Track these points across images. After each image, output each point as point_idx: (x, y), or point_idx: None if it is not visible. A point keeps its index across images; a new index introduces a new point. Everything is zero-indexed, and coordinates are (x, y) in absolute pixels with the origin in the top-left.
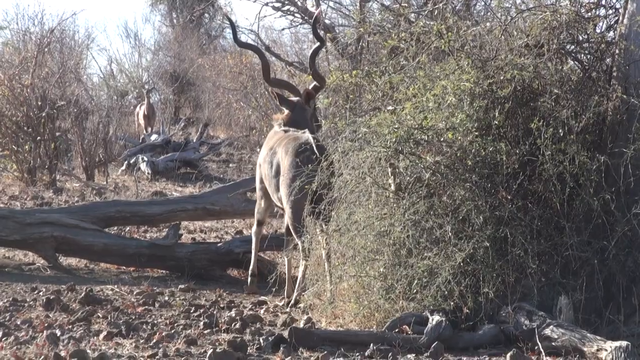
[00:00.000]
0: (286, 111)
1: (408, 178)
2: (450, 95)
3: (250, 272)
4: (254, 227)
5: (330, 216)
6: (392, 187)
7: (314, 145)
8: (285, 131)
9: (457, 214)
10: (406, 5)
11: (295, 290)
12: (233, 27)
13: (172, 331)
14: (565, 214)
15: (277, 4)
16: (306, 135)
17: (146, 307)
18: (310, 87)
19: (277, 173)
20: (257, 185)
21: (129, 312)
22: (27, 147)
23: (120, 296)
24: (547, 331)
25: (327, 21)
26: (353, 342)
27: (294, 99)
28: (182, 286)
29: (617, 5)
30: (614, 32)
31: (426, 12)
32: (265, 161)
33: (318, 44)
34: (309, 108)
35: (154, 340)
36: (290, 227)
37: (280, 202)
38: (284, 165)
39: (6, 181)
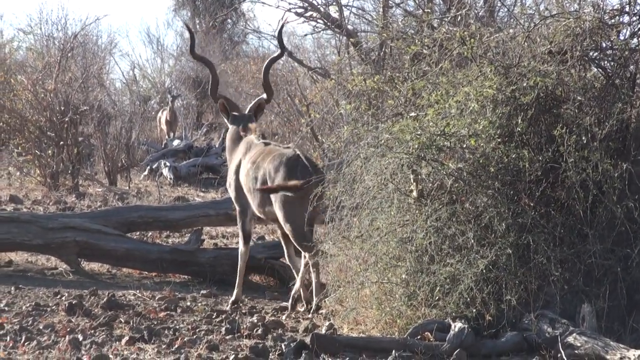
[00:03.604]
0: (233, 126)
1: (430, 185)
2: (473, 101)
3: (234, 297)
4: (241, 246)
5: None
6: (415, 194)
7: (303, 159)
8: (266, 144)
9: (479, 220)
10: (429, 11)
11: (315, 296)
12: (192, 38)
13: (194, 337)
14: (589, 222)
15: (300, 10)
16: (290, 150)
17: (168, 312)
18: (264, 97)
19: None
20: (235, 196)
21: (151, 318)
22: (50, 151)
23: (142, 301)
24: (570, 339)
25: (349, 27)
26: (375, 348)
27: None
28: (204, 292)
29: None
30: (637, 39)
31: (449, 18)
32: (247, 175)
33: (277, 52)
34: (256, 120)
35: (176, 346)
36: (297, 246)
37: (265, 215)
38: (277, 182)
39: (29, 186)
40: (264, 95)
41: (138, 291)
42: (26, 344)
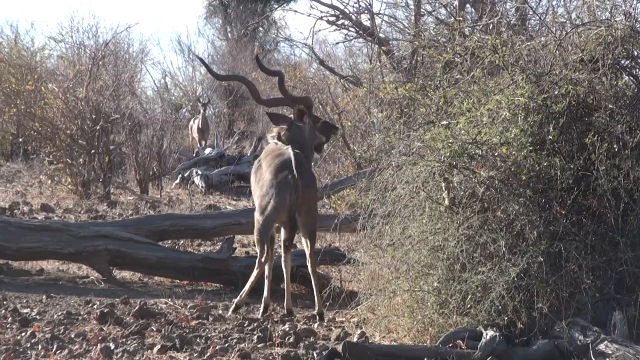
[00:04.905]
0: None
1: (462, 193)
2: (505, 109)
3: (263, 304)
4: (261, 255)
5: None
6: (446, 202)
7: (293, 162)
8: (276, 143)
9: (511, 228)
10: (461, 19)
11: (244, 293)
12: (206, 65)
13: (226, 345)
14: (620, 229)
15: (332, 18)
16: (288, 151)
17: (200, 320)
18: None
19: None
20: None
21: (182, 326)
22: (81, 160)
23: (174, 310)
24: (602, 347)
25: (381, 35)
26: (407, 356)
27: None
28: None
29: None
30: None
31: (481, 26)
32: (253, 173)
33: (277, 77)
34: (304, 124)
35: (208, 354)
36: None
37: None
38: (264, 179)
39: (60, 194)
40: (300, 106)
41: (170, 299)
42: (58, 352)
